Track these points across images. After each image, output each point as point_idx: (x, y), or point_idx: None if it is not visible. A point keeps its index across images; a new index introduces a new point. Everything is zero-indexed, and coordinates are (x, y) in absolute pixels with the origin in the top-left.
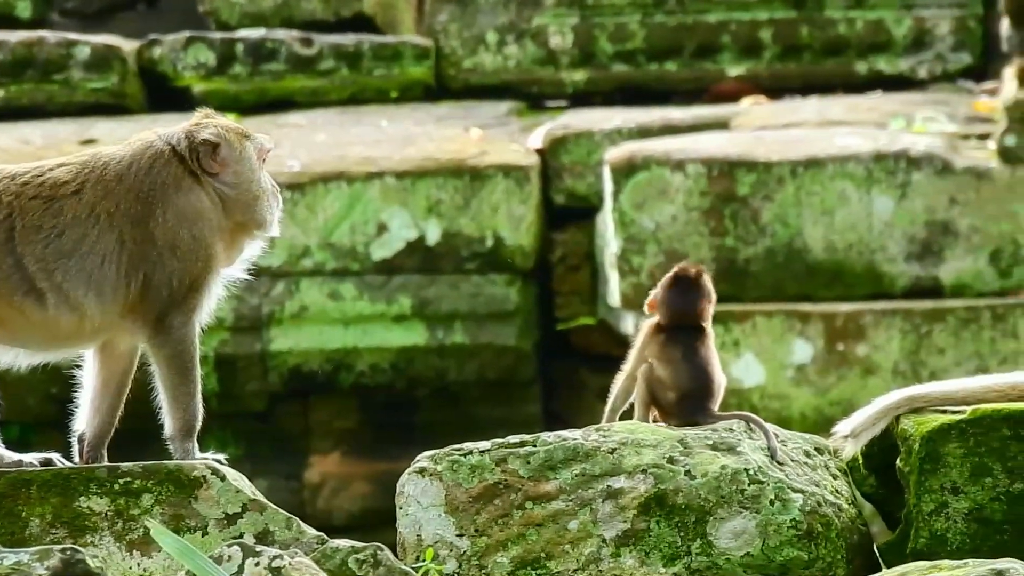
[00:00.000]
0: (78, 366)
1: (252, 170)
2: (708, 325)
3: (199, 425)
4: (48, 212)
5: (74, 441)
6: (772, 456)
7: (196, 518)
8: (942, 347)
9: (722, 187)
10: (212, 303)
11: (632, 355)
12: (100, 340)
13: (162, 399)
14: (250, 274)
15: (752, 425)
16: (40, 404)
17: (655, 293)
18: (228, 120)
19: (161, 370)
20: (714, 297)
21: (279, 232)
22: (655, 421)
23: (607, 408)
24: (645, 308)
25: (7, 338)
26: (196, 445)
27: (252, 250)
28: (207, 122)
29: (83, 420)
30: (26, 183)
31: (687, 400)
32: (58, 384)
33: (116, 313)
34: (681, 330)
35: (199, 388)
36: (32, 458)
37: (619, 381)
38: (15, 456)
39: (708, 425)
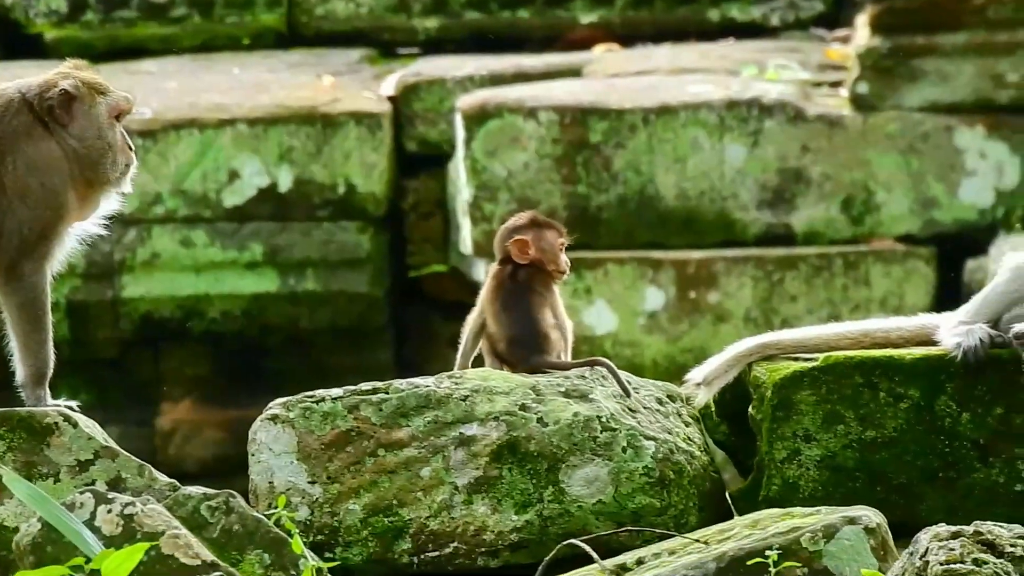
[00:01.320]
0: None
1: (100, 126)
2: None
3: (51, 372)
4: None
5: None
6: (626, 395)
7: (48, 465)
8: (794, 295)
9: (574, 135)
10: (64, 252)
11: (478, 304)
12: None
13: (14, 346)
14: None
15: (604, 371)
16: None
17: (519, 236)
18: (90, 74)
19: (12, 317)
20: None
21: (130, 189)
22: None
23: (458, 355)
24: (517, 252)
25: None
26: (48, 392)
27: (107, 205)
28: (68, 73)
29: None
30: None
31: (515, 347)
32: None
33: None
34: (520, 277)
35: (51, 336)
36: None
37: (467, 329)
38: None
39: (560, 372)
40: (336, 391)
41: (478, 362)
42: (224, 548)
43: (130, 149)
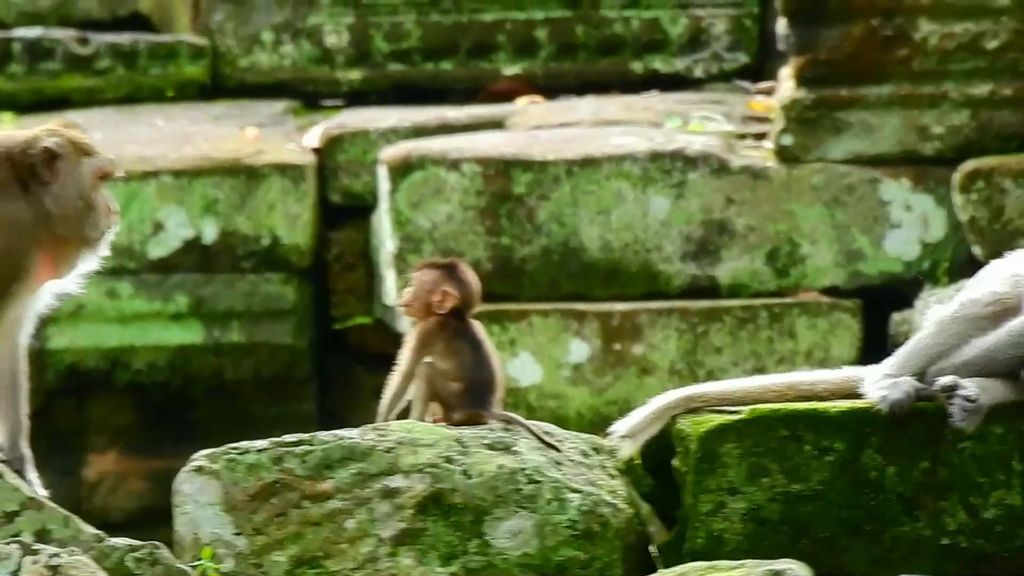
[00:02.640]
0: None
1: (82, 187)
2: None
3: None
4: None
5: None
6: (554, 449)
7: None
8: (719, 346)
9: (498, 186)
10: (21, 312)
11: (407, 353)
12: None
13: None
14: None
15: (517, 426)
16: None
17: (429, 290)
18: (76, 133)
19: None
20: None
21: (107, 251)
22: (435, 420)
23: (382, 407)
24: (407, 310)
25: None
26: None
27: (84, 265)
28: (55, 130)
29: None
30: None
31: (472, 392)
32: None
33: None
34: (460, 322)
35: None
36: None
37: (394, 380)
38: None
39: (485, 425)
40: (261, 443)
41: (402, 416)
42: None
43: (111, 212)
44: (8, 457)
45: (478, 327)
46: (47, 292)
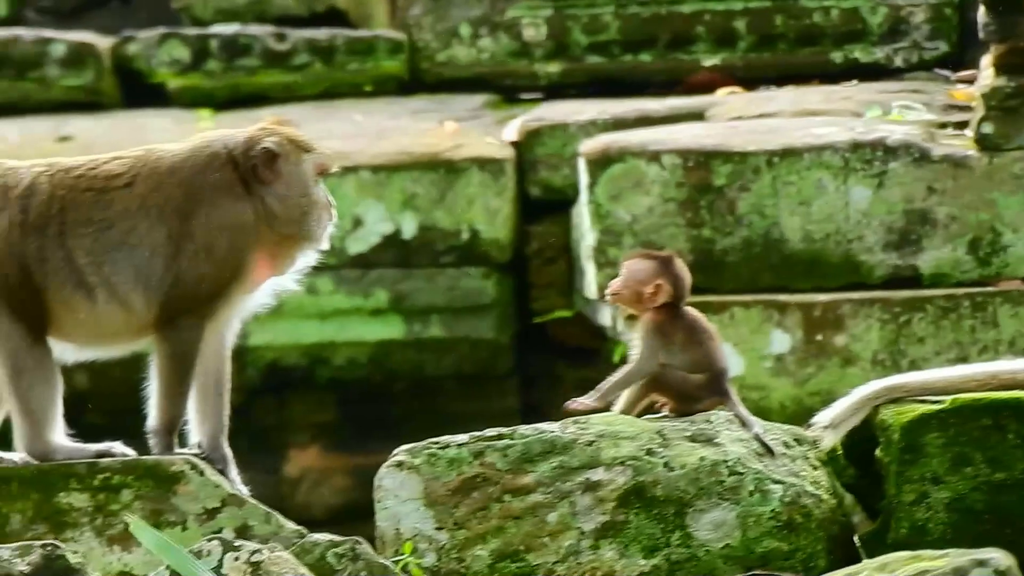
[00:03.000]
0: None
1: (305, 184)
2: None
3: (181, 424)
4: (98, 205)
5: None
6: (771, 453)
7: (175, 513)
8: (921, 336)
9: (698, 178)
10: (233, 312)
11: (645, 346)
12: (146, 339)
13: (153, 391)
14: None
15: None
16: None
17: (642, 280)
18: (293, 130)
19: (159, 363)
20: None
21: (327, 246)
22: (657, 410)
23: (607, 389)
24: (616, 299)
25: (56, 333)
26: (176, 441)
27: (304, 261)
28: (272, 129)
29: (193, 427)
30: (79, 176)
31: (716, 381)
32: None
33: (161, 308)
34: (682, 311)
35: (189, 389)
36: (94, 449)
37: (630, 369)
38: (92, 447)
39: (688, 417)
40: (461, 437)
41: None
42: None
43: (330, 206)
44: (209, 455)
45: (698, 314)
46: (264, 290)
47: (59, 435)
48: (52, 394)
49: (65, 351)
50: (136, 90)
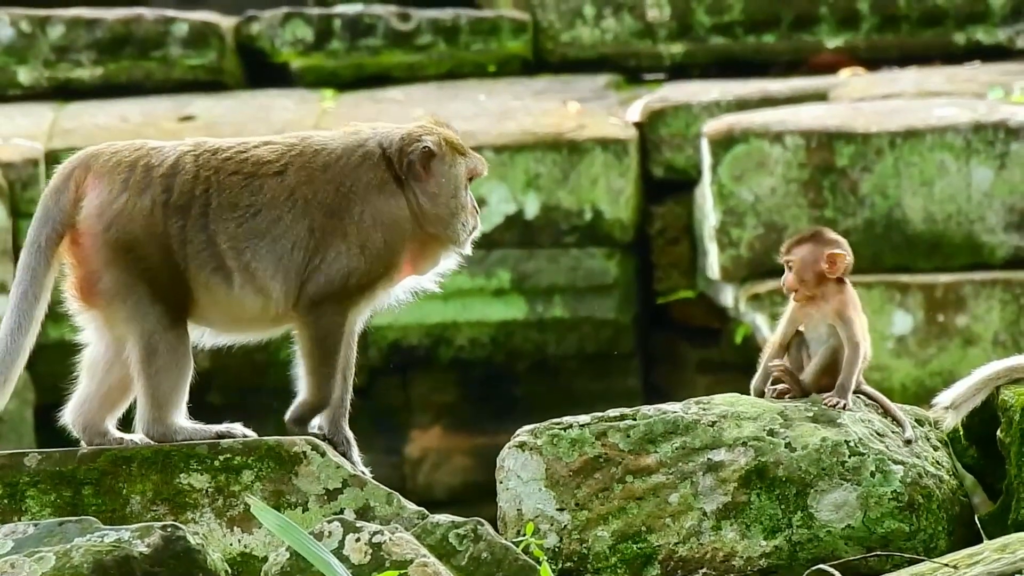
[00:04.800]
0: None
1: (456, 187)
2: None
3: (327, 407)
4: (247, 190)
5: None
6: (908, 440)
7: (296, 494)
8: None
9: (821, 158)
10: (373, 306)
11: (856, 330)
12: (283, 327)
13: (299, 374)
14: None
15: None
16: None
17: (814, 260)
18: (451, 132)
19: (303, 349)
20: None
21: (470, 251)
22: (804, 393)
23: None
24: (797, 294)
25: (195, 316)
26: (317, 423)
27: (446, 263)
28: (431, 128)
29: None
30: (227, 158)
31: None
32: None
33: (295, 299)
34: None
35: (335, 375)
36: (214, 430)
37: (858, 363)
38: (212, 428)
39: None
40: (583, 418)
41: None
42: None
43: (476, 212)
44: (331, 437)
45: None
46: (403, 288)
47: (181, 417)
48: (181, 379)
49: (204, 335)
50: (259, 70)
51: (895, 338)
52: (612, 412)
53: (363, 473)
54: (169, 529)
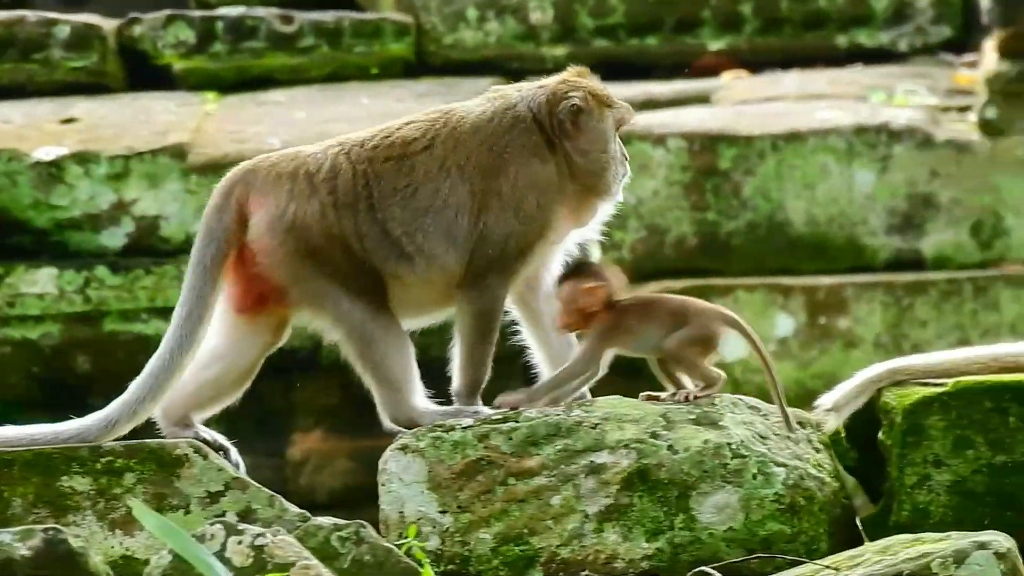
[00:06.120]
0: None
1: (606, 140)
2: None
3: (484, 384)
4: (401, 172)
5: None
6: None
7: (179, 496)
8: (924, 320)
9: (703, 161)
10: (539, 265)
11: (583, 352)
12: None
13: (457, 352)
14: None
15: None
16: (22, 383)
17: (574, 299)
18: (594, 83)
19: (464, 324)
20: None
21: (621, 197)
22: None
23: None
24: (568, 329)
25: (391, 306)
26: (480, 402)
27: (604, 211)
28: (575, 82)
29: (545, 371)
30: (375, 146)
31: (712, 312)
32: (39, 364)
33: (468, 267)
34: (626, 302)
35: (492, 349)
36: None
37: (563, 379)
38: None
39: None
40: (466, 420)
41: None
42: None
43: (625, 159)
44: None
45: (640, 293)
46: (570, 240)
47: (421, 398)
48: (406, 359)
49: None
50: (141, 72)
51: (777, 340)
52: (495, 415)
53: (242, 475)
54: (51, 532)
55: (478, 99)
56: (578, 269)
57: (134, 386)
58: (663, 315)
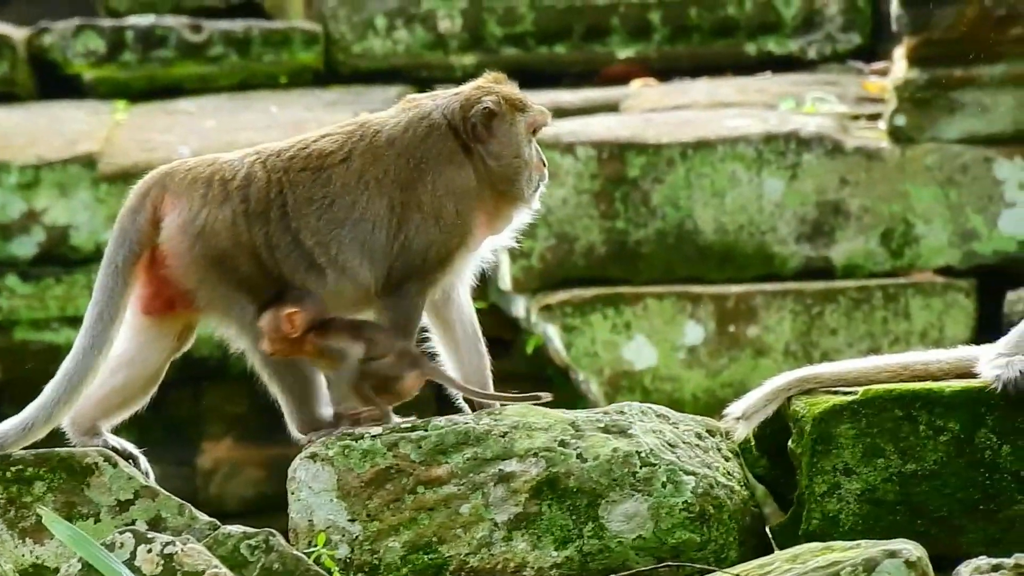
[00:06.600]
0: None
1: (518, 144)
2: None
3: None
4: (317, 183)
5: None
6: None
7: (89, 505)
8: (834, 328)
9: (612, 169)
10: (459, 274)
11: (336, 354)
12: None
13: None
14: None
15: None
16: None
17: (275, 327)
18: (509, 88)
19: None
20: None
21: (538, 205)
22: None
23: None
24: (278, 354)
25: None
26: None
27: (519, 219)
28: (490, 88)
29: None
30: (292, 157)
31: (409, 352)
32: None
33: (385, 278)
34: (330, 320)
35: None
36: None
37: (347, 375)
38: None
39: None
40: (375, 428)
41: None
42: None
43: (543, 165)
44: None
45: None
46: (484, 248)
47: (327, 408)
48: (311, 368)
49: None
50: (51, 81)
51: (686, 348)
52: (403, 423)
53: (152, 483)
54: None
55: (392, 109)
56: (277, 298)
57: (49, 389)
58: (360, 335)
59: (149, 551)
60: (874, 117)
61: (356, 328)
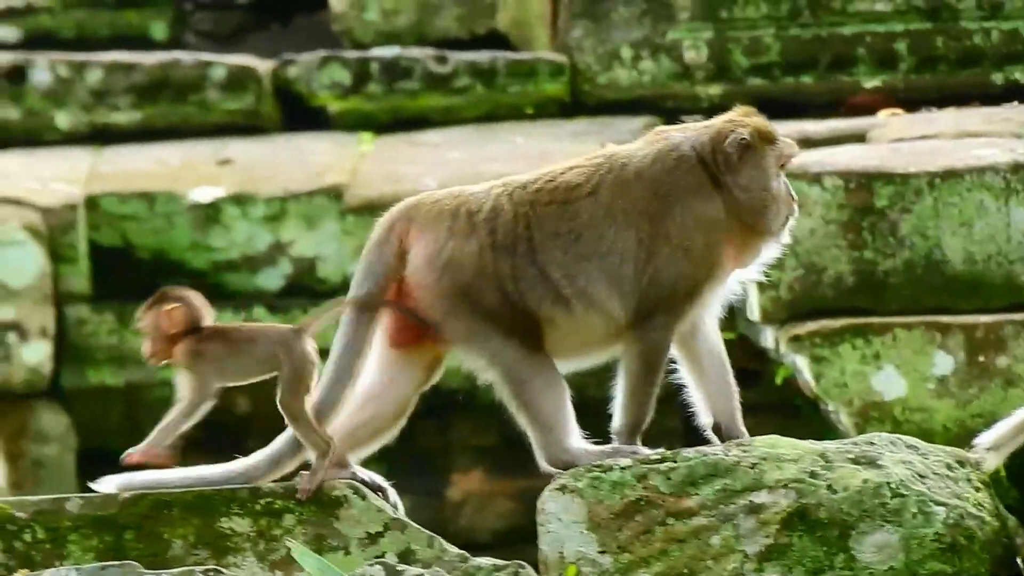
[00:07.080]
0: None
1: (767, 176)
2: None
3: (645, 425)
4: (564, 216)
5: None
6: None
7: (338, 537)
8: None
9: (860, 199)
10: (704, 307)
11: (191, 383)
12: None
13: (620, 391)
14: None
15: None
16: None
17: (155, 326)
18: (759, 120)
19: (629, 364)
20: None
21: (788, 239)
22: None
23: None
24: (157, 359)
25: (549, 348)
26: (639, 441)
27: (767, 253)
28: (741, 121)
29: (701, 411)
30: (538, 189)
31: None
32: None
33: (634, 311)
34: (216, 328)
35: (656, 391)
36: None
37: (182, 414)
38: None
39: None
40: (624, 461)
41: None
42: None
43: (792, 199)
44: (728, 433)
45: (238, 324)
46: (731, 281)
47: (577, 439)
48: (559, 399)
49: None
50: (296, 113)
51: (936, 379)
52: (653, 454)
53: (401, 516)
54: (212, 573)
55: (640, 141)
56: (158, 298)
57: None
58: (247, 343)
59: None
60: None
61: (227, 341)
